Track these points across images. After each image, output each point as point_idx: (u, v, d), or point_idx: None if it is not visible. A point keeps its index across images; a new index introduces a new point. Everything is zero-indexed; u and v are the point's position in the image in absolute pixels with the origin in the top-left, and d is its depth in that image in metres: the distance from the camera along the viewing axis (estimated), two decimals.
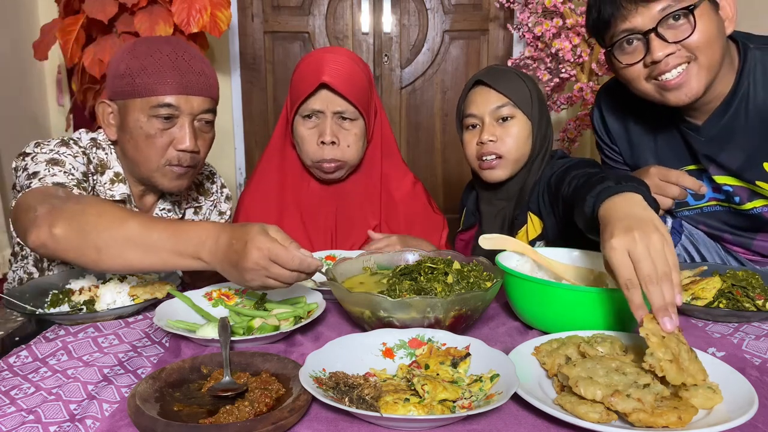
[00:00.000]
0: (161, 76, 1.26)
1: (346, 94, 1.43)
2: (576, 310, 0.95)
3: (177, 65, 1.27)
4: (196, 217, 1.56)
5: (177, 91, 1.26)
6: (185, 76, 1.27)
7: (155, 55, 1.27)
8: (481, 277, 1.04)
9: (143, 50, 1.28)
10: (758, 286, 1.08)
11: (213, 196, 1.60)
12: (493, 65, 1.65)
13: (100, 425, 0.72)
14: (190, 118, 1.29)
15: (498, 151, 1.46)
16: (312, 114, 1.46)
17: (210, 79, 1.33)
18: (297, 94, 1.47)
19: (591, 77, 2.68)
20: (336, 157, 1.47)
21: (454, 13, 3.41)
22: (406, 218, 1.62)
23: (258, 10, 3.38)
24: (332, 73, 1.43)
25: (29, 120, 3.05)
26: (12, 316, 1.09)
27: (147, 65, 1.26)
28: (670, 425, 0.68)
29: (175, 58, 1.27)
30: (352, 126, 1.48)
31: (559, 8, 2.57)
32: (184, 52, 1.30)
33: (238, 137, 3.41)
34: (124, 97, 1.28)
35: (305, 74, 1.46)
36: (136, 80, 1.26)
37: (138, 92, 1.26)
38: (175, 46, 1.30)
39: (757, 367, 0.87)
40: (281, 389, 0.78)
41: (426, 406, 0.71)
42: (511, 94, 1.47)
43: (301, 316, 1.02)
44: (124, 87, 1.27)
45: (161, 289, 1.13)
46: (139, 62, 1.26)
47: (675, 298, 0.81)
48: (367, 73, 1.52)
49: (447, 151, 3.58)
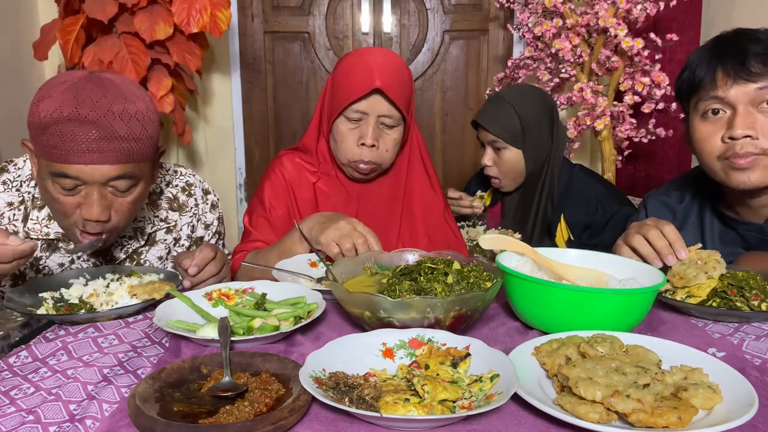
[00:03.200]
0: (59, 141, 1.08)
1: (396, 100, 1.44)
2: (576, 310, 0.95)
3: (81, 128, 1.08)
4: (169, 236, 1.45)
5: (76, 160, 1.09)
6: (86, 142, 1.09)
7: (55, 113, 1.08)
8: (481, 277, 1.04)
9: (47, 104, 1.10)
10: (756, 286, 1.08)
11: (191, 210, 1.49)
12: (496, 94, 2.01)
13: (100, 425, 0.72)
14: (97, 186, 1.14)
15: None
16: (356, 115, 1.46)
17: (123, 141, 1.12)
18: (346, 94, 1.45)
19: (591, 77, 2.68)
20: (374, 159, 1.48)
21: (454, 13, 3.41)
22: (425, 226, 1.62)
23: (258, 10, 3.38)
24: (385, 78, 1.43)
25: None
26: (12, 316, 1.09)
27: (46, 124, 1.09)
28: (670, 425, 0.68)
29: (78, 118, 1.08)
30: (392, 131, 1.49)
31: (559, 8, 2.57)
32: (92, 109, 1.09)
33: (238, 137, 3.41)
34: (35, 149, 1.15)
35: (357, 76, 1.44)
36: (38, 139, 1.11)
37: (39, 152, 1.13)
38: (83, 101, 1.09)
39: (757, 368, 0.87)
40: (281, 389, 0.78)
41: (426, 406, 0.71)
42: (500, 133, 1.88)
43: (301, 316, 1.02)
44: (33, 140, 1.14)
45: (161, 289, 1.13)
46: (39, 119, 1.10)
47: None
48: (411, 76, 1.53)
49: (447, 151, 3.58)
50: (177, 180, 1.50)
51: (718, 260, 1.11)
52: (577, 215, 1.86)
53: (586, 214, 1.86)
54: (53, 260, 1.34)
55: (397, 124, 1.49)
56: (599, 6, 2.50)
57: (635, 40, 2.50)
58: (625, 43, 2.50)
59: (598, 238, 1.84)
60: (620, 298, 0.94)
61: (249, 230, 1.56)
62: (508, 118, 1.87)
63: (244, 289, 1.15)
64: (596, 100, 2.56)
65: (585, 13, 2.54)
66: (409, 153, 1.60)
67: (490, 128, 1.89)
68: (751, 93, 1.23)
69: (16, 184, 1.27)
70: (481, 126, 1.92)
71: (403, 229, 1.60)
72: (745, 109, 1.24)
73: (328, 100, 1.53)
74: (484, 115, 1.93)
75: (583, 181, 1.93)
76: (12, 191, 1.26)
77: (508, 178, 1.95)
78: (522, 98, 1.90)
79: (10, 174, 1.28)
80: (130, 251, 1.40)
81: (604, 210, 1.85)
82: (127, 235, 1.38)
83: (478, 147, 3.64)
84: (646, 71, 2.60)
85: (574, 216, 1.86)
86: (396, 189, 1.60)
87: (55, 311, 1.08)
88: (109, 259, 1.39)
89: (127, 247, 1.39)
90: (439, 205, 1.66)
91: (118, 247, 1.39)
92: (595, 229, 1.85)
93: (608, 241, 1.75)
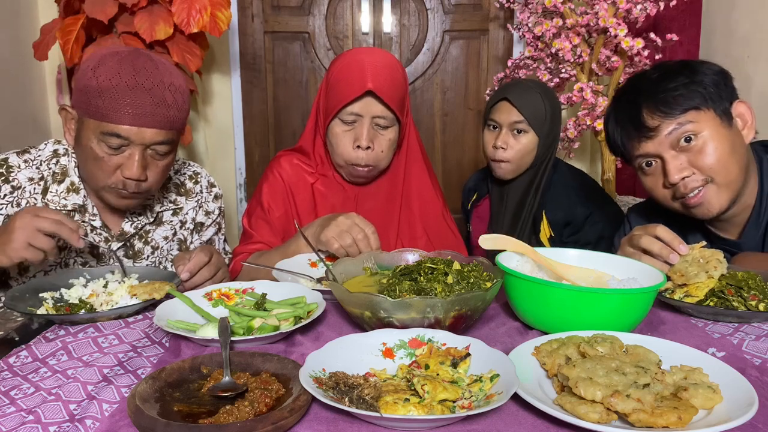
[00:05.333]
0: (115, 104, 1.21)
1: (389, 101, 1.44)
2: (576, 310, 0.95)
3: (135, 93, 1.22)
4: (175, 218, 1.54)
5: (129, 121, 1.23)
6: (142, 106, 1.22)
7: (114, 79, 1.22)
8: (481, 278, 1.04)
9: (104, 71, 1.23)
10: (755, 287, 1.08)
11: (197, 197, 1.57)
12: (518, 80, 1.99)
13: (100, 425, 0.72)
14: (141, 148, 1.26)
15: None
16: (350, 117, 1.46)
17: (170, 109, 1.27)
18: (339, 96, 1.46)
19: (591, 77, 2.68)
20: (370, 162, 1.48)
21: (454, 13, 3.41)
22: (424, 225, 1.62)
23: (258, 10, 3.38)
24: (377, 80, 1.42)
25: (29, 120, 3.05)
26: (12, 316, 1.09)
27: (104, 89, 1.22)
28: (670, 425, 0.68)
29: (134, 85, 1.22)
30: (387, 132, 1.49)
31: (559, 8, 2.57)
32: (147, 78, 1.24)
33: (238, 137, 3.41)
34: (81, 112, 1.27)
35: (349, 78, 1.44)
36: (92, 101, 1.23)
37: (91, 114, 1.24)
38: (139, 70, 1.24)
39: (757, 368, 0.87)
40: (281, 389, 0.78)
41: (426, 406, 0.71)
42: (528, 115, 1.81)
43: (301, 316, 1.02)
44: (81, 103, 1.26)
45: (161, 289, 1.13)
46: (97, 83, 1.22)
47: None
48: (406, 78, 1.53)
49: (447, 151, 3.58)
50: (185, 169, 1.59)
51: (720, 260, 1.11)
52: (558, 212, 1.85)
53: (566, 210, 1.84)
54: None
55: (392, 125, 1.49)
56: (599, 6, 2.50)
57: (635, 40, 2.49)
58: (625, 43, 2.50)
59: (578, 234, 1.83)
60: (620, 298, 0.94)
61: (249, 232, 1.57)
62: (537, 102, 1.84)
63: (244, 289, 1.15)
64: (596, 100, 2.56)
65: (585, 13, 2.54)
66: (407, 152, 1.60)
67: (523, 109, 1.82)
68: (665, 141, 1.24)
69: (37, 162, 1.39)
70: (512, 104, 1.83)
71: (402, 228, 1.60)
72: (670, 154, 1.25)
73: (323, 102, 1.53)
74: (515, 94, 1.84)
75: (563, 176, 1.92)
76: (33, 168, 1.38)
77: (515, 164, 1.87)
78: (545, 88, 1.90)
79: (32, 154, 1.40)
80: (139, 227, 1.46)
81: (584, 206, 1.84)
82: (137, 211, 1.46)
83: (478, 147, 3.66)
84: None
85: (555, 213, 1.85)
86: (394, 189, 1.60)
87: (55, 311, 1.08)
88: (119, 234, 1.43)
89: (137, 223, 1.45)
90: (438, 204, 1.66)
91: (128, 222, 1.44)
92: (575, 225, 1.84)
93: (589, 238, 1.78)
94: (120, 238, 1.43)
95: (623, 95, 1.34)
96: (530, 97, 1.84)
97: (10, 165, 1.36)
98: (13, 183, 1.35)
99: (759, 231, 1.31)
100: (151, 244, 1.48)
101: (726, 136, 1.24)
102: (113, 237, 1.42)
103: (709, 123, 1.23)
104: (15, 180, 1.35)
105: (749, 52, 2.52)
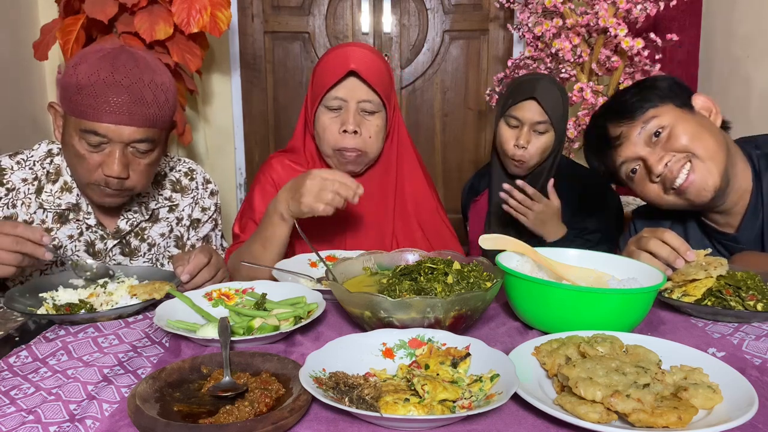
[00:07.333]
0: (93, 101, 1.21)
1: (373, 83, 1.45)
2: (576, 310, 0.95)
3: (113, 91, 1.21)
4: (171, 215, 1.54)
5: (107, 119, 1.22)
6: (119, 104, 1.21)
7: (93, 76, 1.21)
8: (481, 277, 1.04)
9: (84, 68, 1.23)
10: (754, 287, 1.08)
11: (192, 193, 1.57)
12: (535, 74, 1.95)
13: (100, 425, 0.72)
14: (121, 146, 1.26)
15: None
16: (335, 103, 1.47)
17: (150, 107, 1.25)
18: (322, 83, 1.47)
19: (591, 77, 2.68)
20: (357, 146, 1.48)
21: (454, 13, 3.41)
22: (418, 219, 1.62)
23: (258, 10, 3.38)
24: (359, 62, 1.45)
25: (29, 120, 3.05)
26: (12, 316, 1.09)
27: (83, 86, 1.21)
28: (670, 425, 0.68)
29: (112, 83, 1.21)
30: (374, 117, 1.49)
31: (559, 8, 2.57)
32: (126, 75, 1.23)
33: (238, 137, 3.41)
34: (64, 109, 1.27)
35: (332, 64, 1.47)
36: (72, 98, 1.23)
37: (72, 111, 1.24)
38: (118, 67, 1.23)
39: (757, 368, 0.87)
40: (281, 389, 0.78)
41: (426, 406, 0.71)
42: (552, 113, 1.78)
43: (301, 316, 1.02)
44: (64, 100, 1.26)
45: (161, 289, 1.13)
46: (77, 80, 1.22)
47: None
48: (389, 68, 1.55)
49: (447, 151, 3.58)
50: (180, 166, 1.59)
51: (721, 263, 1.12)
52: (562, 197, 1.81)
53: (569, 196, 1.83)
54: (63, 232, 1.39)
55: (378, 110, 1.49)
56: (599, 6, 2.50)
57: (635, 40, 2.50)
58: (625, 43, 2.50)
59: (586, 221, 1.83)
60: (620, 298, 0.94)
61: (239, 235, 1.58)
62: (557, 99, 1.81)
63: (244, 289, 1.15)
64: (596, 100, 2.56)
65: (585, 13, 2.54)
66: (398, 144, 1.60)
67: (550, 110, 1.78)
68: (638, 141, 1.31)
69: (29, 163, 1.39)
70: (540, 104, 1.77)
71: (397, 221, 1.60)
72: (647, 151, 1.31)
73: (309, 93, 1.55)
74: (543, 94, 1.78)
75: (567, 166, 1.94)
76: (26, 169, 1.38)
77: (533, 162, 1.84)
78: (558, 83, 1.88)
79: (24, 155, 1.40)
80: (134, 224, 1.46)
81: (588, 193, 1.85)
82: (132, 209, 1.46)
83: (478, 147, 3.66)
84: (646, 71, 2.60)
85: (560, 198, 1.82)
86: (386, 181, 1.59)
87: (55, 311, 1.08)
88: (115, 231, 1.44)
89: (132, 221, 1.46)
90: (431, 198, 1.66)
91: (123, 220, 1.45)
92: (582, 209, 1.85)
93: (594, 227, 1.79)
94: (116, 236, 1.43)
95: (590, 128, 1.43)
96: (553, 96, 1.80)
97: (3, 167, 1.36)
98: (6, 185, 1.35)
99: (757, 222, 1.31)
100: (147, 242, 1.49)
101: (691, 119, 1.29)
102: (109, 235, 1.43)
103: (670, 114, 1.29)
104: (9, 182, 1.35)
105: (749, 52, 2.53)
